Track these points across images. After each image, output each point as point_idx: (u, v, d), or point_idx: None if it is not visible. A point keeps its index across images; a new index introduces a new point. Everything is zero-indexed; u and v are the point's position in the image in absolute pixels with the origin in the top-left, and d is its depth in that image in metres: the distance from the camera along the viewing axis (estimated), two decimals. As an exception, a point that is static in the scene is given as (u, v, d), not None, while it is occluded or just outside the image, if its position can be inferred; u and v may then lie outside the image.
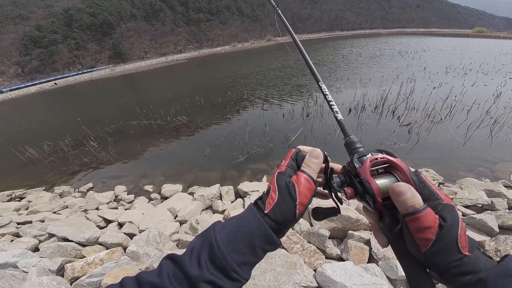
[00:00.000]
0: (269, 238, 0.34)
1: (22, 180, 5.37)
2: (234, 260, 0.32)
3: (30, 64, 62.09)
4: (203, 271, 0.30)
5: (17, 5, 72.87)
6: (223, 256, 0.31)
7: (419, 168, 3.70)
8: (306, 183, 0.36)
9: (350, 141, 0.44)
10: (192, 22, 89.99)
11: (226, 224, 0.36)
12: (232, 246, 0.33)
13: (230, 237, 0.33)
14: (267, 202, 0.35)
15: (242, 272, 0.33)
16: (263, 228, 0.34)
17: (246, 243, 0.33)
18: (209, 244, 0.33)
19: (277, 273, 1.58)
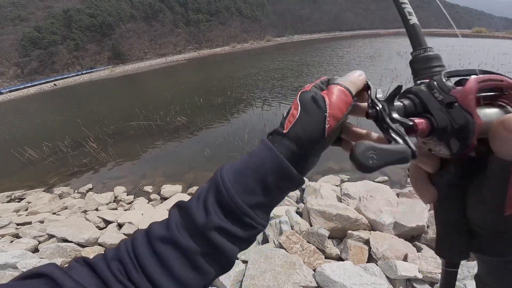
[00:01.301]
0: (284, 172, 0.27)
1: (21, 181, 5.36)
2: (245, 201, 0.27)
3: (30, 65, 62.06)
4: (210, 217, 0.26)
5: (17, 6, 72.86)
6: (231, 197, 0.27)
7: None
8: (340, 94, 0.27)
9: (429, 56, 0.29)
10: (192, 22, 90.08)
11: (236, 162, 0.30)
12: (241, 185, 0.27)
13: (238, 175, 0.28)
14: (286, 121, 0.29)
15: (256, 216, 0.28)
16: (276, 159, 0.27)
17: (257, 181, 0.27)
18: (215, 185, 0.28)
19: (276, 273, 1.58)
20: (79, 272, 0.24)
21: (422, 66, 0.29)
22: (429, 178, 0.27)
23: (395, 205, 2.28)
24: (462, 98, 0.22)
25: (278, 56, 26.90)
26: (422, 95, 0.25)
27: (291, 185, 0.29)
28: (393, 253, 1.76)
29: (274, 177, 0.27)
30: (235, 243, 0.28)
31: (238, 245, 0.29)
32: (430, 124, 0.24)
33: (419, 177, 0.28)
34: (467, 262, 1.56)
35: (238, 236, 0.28)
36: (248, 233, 0.28)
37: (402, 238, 1.97)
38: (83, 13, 71.14)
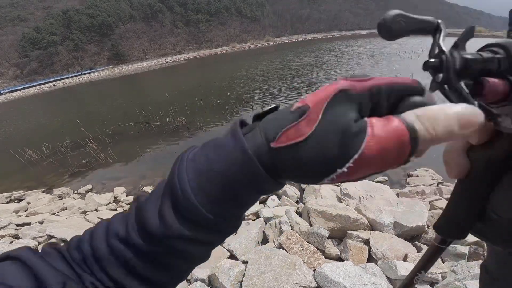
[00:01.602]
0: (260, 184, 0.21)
1: (21, 181, 5.36)
2: (210, 211, 0.22)
3: (29, 66, 62.02)
4: (168, 226, 0.22)
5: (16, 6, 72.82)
6: (191, 207, 0.21)
7: (418, 167, 3.71)
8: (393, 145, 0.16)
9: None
10: (191, 23, 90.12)
11: (199, 154, 0.23)
12: (205, 193, 0.21)
13: (200, 178, 0.21)
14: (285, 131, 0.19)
15: (225, 223, 0.23)
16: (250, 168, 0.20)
17: (225, 189, 0.21)
18: (172, 187, 0.22)
19: (276, 274, 1.58)
20: (52, 257, 0.24)
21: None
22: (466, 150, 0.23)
23: (395, 205, 2.28)
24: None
25: (277, 56, 26.93)
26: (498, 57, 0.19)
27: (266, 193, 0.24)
28: (393, 253, 1.76)
29: (245, 187, 0.21)
30: (201, 245, 0.25)
31: (206, 246, 0.25)
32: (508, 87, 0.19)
33: (457, 147, 0.24)
34: (467, 262, 1.56)
35: (204, 241, 0.24)
36: (215, 236, 0.25)
37: (402, 238, 1.97)
38: (83, 14, 71.12)
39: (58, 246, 0.26)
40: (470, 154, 0.23)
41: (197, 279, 1.67)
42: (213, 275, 1.68)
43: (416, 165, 3.81)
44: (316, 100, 0.19)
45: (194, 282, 1.65)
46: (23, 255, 0.22)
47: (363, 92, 0.18)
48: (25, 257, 0.22)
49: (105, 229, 0.25)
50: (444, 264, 1.65)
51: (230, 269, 1.68)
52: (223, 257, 1.93)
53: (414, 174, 3.54)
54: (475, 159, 0.23)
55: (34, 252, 0.23)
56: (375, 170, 0.18)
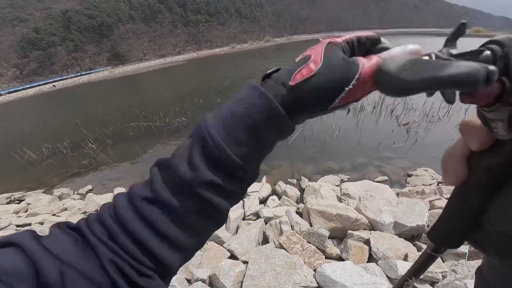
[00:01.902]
0: (279, 121, 0.24)
1: (21, 182, 5.35)
2: (236, 153, 0.24)
3: (28, 67, 61.95)
4: (198, 171, 0.24)
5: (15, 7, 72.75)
6: (221, 151, 0.24)
7: (418, 167, 3.71)
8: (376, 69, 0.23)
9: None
10: (191, 23, 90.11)
11: (220, 109, 0.26)
12: (231, 136, 0.24)
13: (225, 124, 0.24)
14: (298, 71, 0.24)
15: (248, 168, 0.25)
16: (270, 106, 0.24)
17: (248, 130, 0.24)
18: (201, 137, 0.25)
19: (277, 273, 1.58)
20: (56, 240, 0.22)
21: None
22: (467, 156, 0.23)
23: (395, 204, 2.28)
24: None
25: (276, 57, 26.93)
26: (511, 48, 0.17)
27: (285, 135, 0.27)
28: (394, 253, 1.76)
29: (266, 126, 0.24)
30: (227, 197, 0.26)
31: (230, 199, 0.27)
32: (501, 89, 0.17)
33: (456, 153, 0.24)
34: (467, 262, 1.57)
35: (231, 190, 0.26)
36: (240, 185, 0.26)
37: (402, 237, 1.97)
38: (82, 14, 71.08)
39: (71, 224, 0.25)
40: (470, 161, 0.23)
41: (198, 279, 1.67)
42: (214, 275, 1.68)
43: (416, 165, 3.81)
44: (314, 51, 0.25)
45: (195, 282, 1.65)
46: (24, 241, 0.21)
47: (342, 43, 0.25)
48: (26, 244, 0.21)
49: (126, 196, 0.25)
50: (444, 263, 1.65)
51: (231, 269, 1.68)
52: (224, 257, 1.93)
53: (414, 174, 3.54)
54: (475, 166, 0.22)
55: (36, 237, 0.23)
56: (368, 90, 0.24)
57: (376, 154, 4.28)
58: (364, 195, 2.53)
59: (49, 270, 0.20)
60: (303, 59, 0.25)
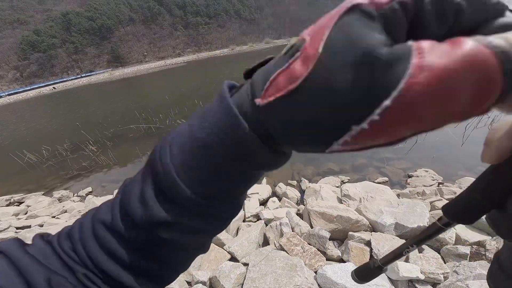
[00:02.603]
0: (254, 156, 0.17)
1: (20, 184, 5.34)
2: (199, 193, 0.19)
3: (29, 69, 62.13)
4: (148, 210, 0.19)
5: (15, 9, 73.06)
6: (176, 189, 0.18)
7: (418, 168, 3.71)
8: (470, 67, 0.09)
9: None
10: (191, 25, 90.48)
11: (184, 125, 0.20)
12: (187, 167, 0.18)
13: (183, 151, 0.18)
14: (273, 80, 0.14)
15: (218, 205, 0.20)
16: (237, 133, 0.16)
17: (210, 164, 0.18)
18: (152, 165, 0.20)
19: (277, 276, 1.58)
20: (40, 249, 0.23)
21: None
22: None
23: (395, 205, 2.28)
24: None
25: (277, 58, 26.99)
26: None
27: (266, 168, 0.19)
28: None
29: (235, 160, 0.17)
30: (191, 233, 0.22)
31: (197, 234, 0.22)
32: None
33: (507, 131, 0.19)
34: (469, 263, 1.56)
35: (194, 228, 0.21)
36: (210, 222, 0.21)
37: (403, 239, 1.96)
38: (82, 17, 71.34)
39: (48, 237, 0.25)
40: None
41: (198, 282, 1.66)
42: (214, 278, 1.67)
43: (417, 165, 3.81)
44: (316, 30, 0.13)
45: (195, 285, 1.64)
46: (10, 249, 0.21)
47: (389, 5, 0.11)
48: (12, 252, 0.21)
49: (92, 217, 0.24)
50: (446, 264, 1.64)
51: (231, 272, 1.67)
52: (224, 259, 1.92)
53: (414, 175, 3.54)
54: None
55: (22, 246, 0.23)
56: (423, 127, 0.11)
57: (376, 155, 4.28)
58: (364, 196, 2.52)
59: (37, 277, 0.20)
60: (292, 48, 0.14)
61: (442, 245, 1.81)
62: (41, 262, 0.21)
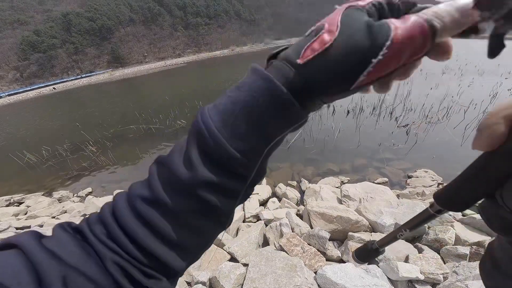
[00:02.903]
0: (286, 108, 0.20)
1: (20, 185, 5.34)
2: (237, 148, 0.21)
3: (29, 69, 62.16)
4: (196, 171, 0.21)
5: (16, 9, 73.17)
6: (219, 146, 0.21)
7: (418, 169, 3.71)
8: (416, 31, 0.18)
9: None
10: (191, 26, 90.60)
11: (220, 99, 0.24)
12: (231, 129, 0.21)
13: (224, 116, 0.22)
14: (308, 47, 0.19)
15: (251, 163, 0.22)
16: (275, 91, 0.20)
17: (250, 121, 0.21)
18: (198, 132, 0.22)
19: (277, 276, 1.58)
20: (60, 241, 0.22)
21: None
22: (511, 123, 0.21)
23: (395, 206, 2.28)
24: None
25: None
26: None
27: (293, 125, 0.22)
28: (394, 255, 1.75)
29: (271, 115, 0.21)
30: (230, 197, 0.24)
31: (235, 198, 0.24)
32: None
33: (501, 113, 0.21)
34: (468, 263, 1.56)
35: (233, 189, 0.23)
36: (243, 184, 0.23)
37: (403, 239, 1.96)
38: (82, 17, 71.45)
39: (73, 224, 0.24)
40: None
41: (198, 282, 1.66)
42: (214, 278, 1.67)
43: (416, 166, 3.81)
44: (329, 18, 0.20)
45: (195, 285, 1.64)
46: (26, 243, 0.21)
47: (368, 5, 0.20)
48: (27, 246, 0.20)
49: (126, 196, 0.24)
50: (445, 265, 1.64)
51: (231, 272, 1.67)
52: (224, 260, 1.92)
53: (414, 175, 3.54)
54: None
55: (39, 239, 0.22)
56: (405, 59, 0.19)
57: (376, 156, 4.28)
58: (364, 197, 2.53)
59: (50, 274, 0.19)
60: (314, 30, 0.20)
61: (442, 246, 1.81)
62: (58, 257, 0.20)
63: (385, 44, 0.18)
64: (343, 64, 0.19)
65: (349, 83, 0.20)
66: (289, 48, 0.21)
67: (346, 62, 0.19)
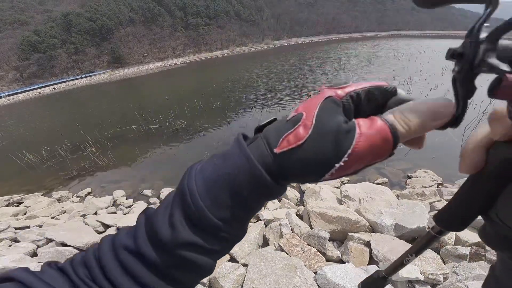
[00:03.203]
0: (264, 187, 0.22)
1: (20, 185, 5.33)
2: (217, 216, 0.23)
3: (29, 69, 62.11)
4: (177, 233, 0.23)
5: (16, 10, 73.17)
6: (200, 212, 0.23)
7: (417, 169, 3.72)
8: (378, 141, 0.20)
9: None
10: (191, 26, 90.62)
11: (207, 164, 0.25)
12: (212, 198, 0.23)
13: (208, 185, 0.23)
14: (285, 137, 0.21)
15: (231, 229, 0.24)
16: (255, 172, 0.22)
17: (231, 193, 0.23)
18: (182, 196, 0.24)
19: (277, 276, 1.57)
20: (51, 276, 0.23)
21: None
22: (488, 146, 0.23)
23: (395, 206, 2.28)
24: None
25: (275, 60, 27.04)
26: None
27: (271, 198, 0.25)
28: (394, 255, 1.75)
29: (250, 191, 0.23)
30: (209, 255, 0.25)
31: (213, 256, 0.26)
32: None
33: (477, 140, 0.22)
34: (468, 263, 1.56)
35: (212, 249, 0.25)
36: (222, 245, 0.26)
37: (403, 239, 1.96)
38: (83, 17, 71.46)
39: (59, 264, 0.26)
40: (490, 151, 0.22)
41: (197, 283, 1.66)
42: (213, 278, 1.67)
43: (416, 166, 3.82)
44: (307, 108, 0.22)
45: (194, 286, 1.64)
46: (21, 276, 0.22)
47: (345, 97, 0.22)
48: (23, 278, 0.22)
49: (111, 242, 0.25)
50: (445, 265, 1.64)
51: (231, 272, 1.67)
52: (223, 260, 1.92)
53: (414, 176, 3.54)
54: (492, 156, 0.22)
55: (32, 272, 0.23)
56: (367, 163, 0.21)
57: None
58: (364, 197, 2.52)
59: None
60: (294, 117, 0.22)
61: (442, 246, 1.81)
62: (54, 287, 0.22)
63: (346, 152, 0.20)
64: (312, 163, 0.21)
65: (317, 178, 0.22)
66: (272, 129, 0.24)
67: (314, 162, 0.21)
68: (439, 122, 0.20)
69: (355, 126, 0.20)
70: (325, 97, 0.22)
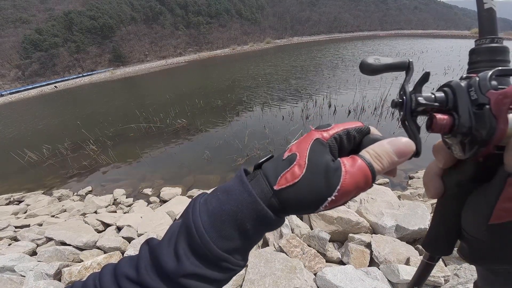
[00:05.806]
0: (266, 220, 0.25)
1: (20, 183, 5.35)
2: (221, 248, 0.25)
3: (31, 67, 62.31)
4: (182, 264, 0.24)
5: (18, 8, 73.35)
6: (204, 244, 0.24)
7: (419, 169, 3.69)
8: (360, 178, 0.23)
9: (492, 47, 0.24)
10: (192, 25, 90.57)
11: (210, 198, 0.27)
12: (216, 231, 0.25)
13: (212, 218, 0.25)
14: (283, 176, 0.24)
15: (233, 259, 0.26)
16: (257, 207, 0.24)
17: (234, 226, 0.25)
18: (187, 228, 0.25)
19: (276, 278, 1.56)
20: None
21: (480, 58, 0.25)
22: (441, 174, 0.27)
23: (396, 207, 2.26)
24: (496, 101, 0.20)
25: (275, 59, 26.98)
26: (458, 91, 0.23)
27: (271, 229, 0.27)
28: (395, 257, 1.74)
29: (253, 224, 0.25)
30: (212, 284, 0.27)
31: (216, 285, 0.27)
32: (452, 122, 0.23)
33: (432, 170, 0.28)
34: (470, 266, 1.54)
35: (215, 279, 0.26)
36: (225, 275, 0.27)
37: (404, 241, 1.95)
38: (84, 16, 71.55)
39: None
40: (444, 177, 0.27)
41: (196, 283, 1.65)
42: (213, 279, 1.66)
43: (418, 167, 3.79)
44: (300, 149, 0.26)
45: (193, 286, 1.63)
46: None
47: (330, 139, 0.26)
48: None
49: (112, 271, 0.27)
50: (446, 267, 1.62)
51: (230, 273, 1.66)
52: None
53: (415, 176, 3.52)
54: (448, 181, 0.26)
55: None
56: (353, 195, 0.24)
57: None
58: (365, 198, 2.51)
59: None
60: (289, 156, 0.26)
61: (443, 248, 1.79)
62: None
63: (336, 188, 0.23)
64: (307, 199, 0.24)
65: (312, 210, 0.25)
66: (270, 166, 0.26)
67: (309, 197, 0.24)
68: (404, 159, 0.25)
69: (340, 164, 0.24)
70: (313, 139, 0.26)
